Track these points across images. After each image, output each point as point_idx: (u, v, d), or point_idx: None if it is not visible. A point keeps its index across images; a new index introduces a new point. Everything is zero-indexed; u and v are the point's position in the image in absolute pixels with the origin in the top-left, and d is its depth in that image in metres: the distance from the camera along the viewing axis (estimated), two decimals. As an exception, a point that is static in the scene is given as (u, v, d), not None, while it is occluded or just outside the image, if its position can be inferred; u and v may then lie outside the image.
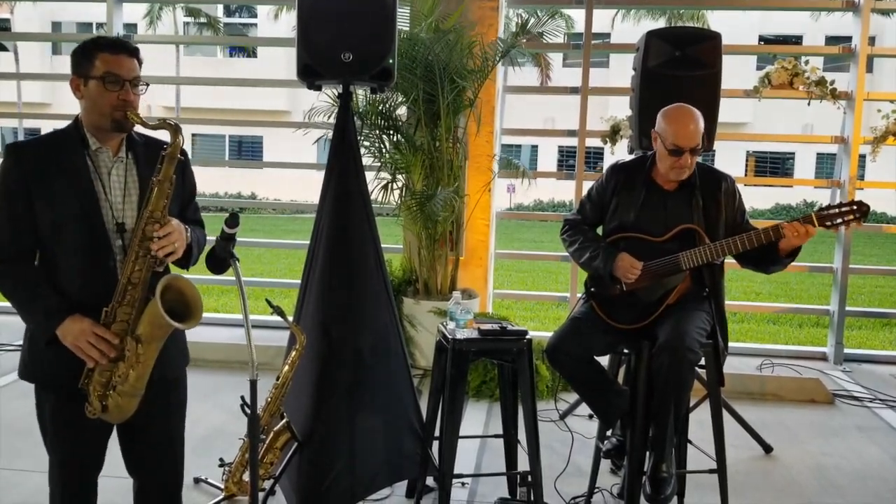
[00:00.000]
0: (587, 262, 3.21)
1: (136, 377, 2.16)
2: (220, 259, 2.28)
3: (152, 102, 20.86)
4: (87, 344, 2.11)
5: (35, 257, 2.19)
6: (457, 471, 3.08)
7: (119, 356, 2.15)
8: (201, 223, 2.47)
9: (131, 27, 22.57)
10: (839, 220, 3.02)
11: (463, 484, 3.51)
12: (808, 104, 5.62)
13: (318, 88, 3.35)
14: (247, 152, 27.88)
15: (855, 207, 3.01)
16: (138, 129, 2.29)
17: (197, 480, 3.46)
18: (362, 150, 4.79)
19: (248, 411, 2.20)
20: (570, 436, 3.66)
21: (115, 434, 2.37)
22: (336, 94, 4.45)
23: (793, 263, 3.15)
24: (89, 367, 2.16)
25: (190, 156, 2.30)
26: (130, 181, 2.26)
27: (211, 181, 21.94)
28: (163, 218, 2.16)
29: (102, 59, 2.18)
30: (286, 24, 22.07)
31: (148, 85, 2.28)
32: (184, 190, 2.39)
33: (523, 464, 3.16)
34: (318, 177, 3.36)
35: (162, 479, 2.44)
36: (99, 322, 2.14)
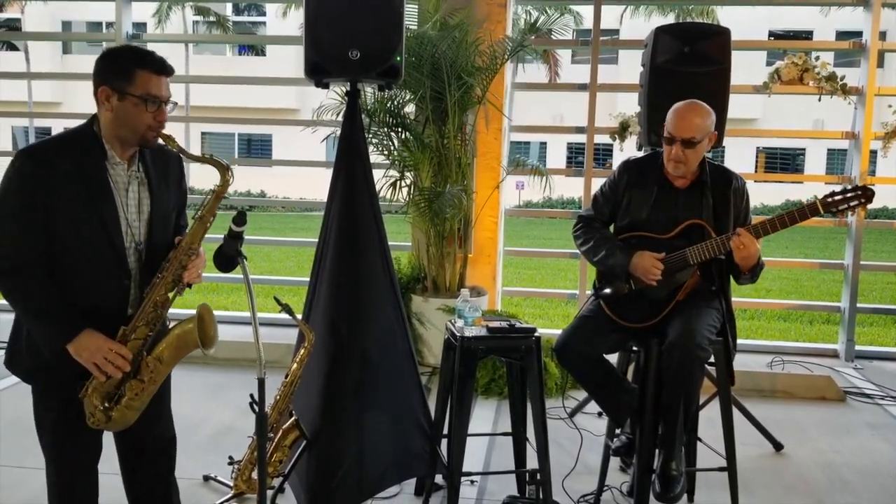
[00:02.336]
0: (602, 261, 3.19)
1: (147, 394, 2.23)
2: (229, 257, 2.29)
3: (161, 101, 20.91)
4: (103, 360, 2.12)
5: (44, 265, 2.15)
6: (465, 469, 3.09)
7: (132, 373, 2.19)
8: (186, 226, 2.52)
9: (140, 26, 22.64)
10: (844, 206, 2.99)
11: (472, 482, 3.51)
12: (819, 100, 5.59)
13: (326, 86, 3.35)
14: (256, 150, 27.94)
15: (860, 192, 2.99)
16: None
17: (206, 478, 3.47)
18: (370, 148, 4.79)
19: (257, 409, 2.21)
20: (579, 434, 3.66)
21: None
22: (344, 91, 4.46)
23: (804, 259, 3.13)
24: (92, 381, 2.17)
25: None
26: (143, 197, 2.28)
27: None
28: (198, 249, 2.23)
29: (144, 78, 2.14)
30: (294, 22, 22.07)
31: (176, 103, 2.27)
32: (180, 195, 2.43)
33: (532, 462, 3.16)
34: (328, 174, 3.37)
35: (155, 444, 2.47)
36: (113, 338, 2.16)
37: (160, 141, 2.23)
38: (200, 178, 2.49)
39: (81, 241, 2.15)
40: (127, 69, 2.14)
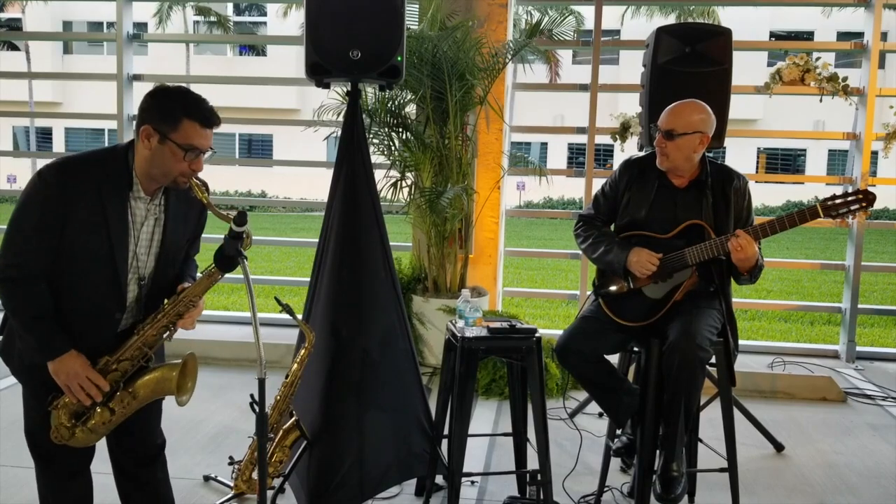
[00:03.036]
0: (600, 257, 3.19)
1: (113, 424, 2.24)
2: (229, 257, 2.28)
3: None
4: (77, 386, 2.13)
5: (46, 279, 2.15)
6: (466, 469, 3.08)
7: (103, 401, 2.19)
8: (197, 252, 2.54)
9: (141, 26, 22.65)
10: (844, 210, 2.98)
11: (472, 482, 3.50)
12: (820, 100, 5.58)
13: (327, 86, 3.35)
14: (257, 150, 27.94)
15: (861, 196, 2.98)
16: None
17: (206, 478, 3.46)
18: (371, 148, 4.79)
19: (257, 409, 2.21)
20: (580, 434, 3.66)
21: None
22: (345, 91, 4.46)
23: (805, 260, 3.13)
24: (65, 399, 2.18)
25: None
26: (156, 233, 2.28)
27: (221, 179, 22.02)
28: (198, 301, 2.26)
29: (190, 129, 2.12)
30: (295, 22, 22.10)
31: (215, 152, 2.27)
32: (197, 229, 2.44)
33: (533, 462, 3.15)
34: (328, 174, 3.37)
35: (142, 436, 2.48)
36: (96, 364, 2.17)
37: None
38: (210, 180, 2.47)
39: (86, 264, 2.16)
40: (174, 115, 2.11)
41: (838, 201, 2.98)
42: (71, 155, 2.21)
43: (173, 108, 2.12)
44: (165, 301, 2.29)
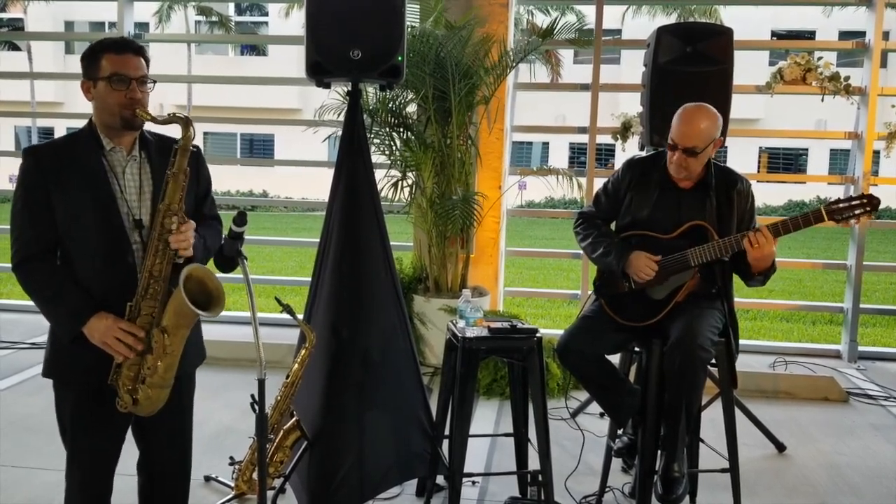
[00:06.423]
0: (599, 258, 3.19)
1: (164, 368, 2.20)
2: (229, 258, 2.27)
3: (164, 101, 20.93)
4: (114, 340, 2.14)
5: (57, 256, 2.22)
6: (467, 469, 3.08)
7: (147, 349, 2.18)
8: (218, 218, 2.50)
9: (142, 26, 22.65)
10: (848, 214, 2.97)
11: (473, 483, 3.50)
12: (822, 100, 5.57)
13: (327, 86, 3.35)
14: (258, 150, 27.94)
15: (865, 201, 2.96)
16: (151, 128, 2.31)
17: (207, 479, 3.46)
18: (372, 148, 4.78)
19: (257, 410, 2.20)
20: (581, 434, 3.65)
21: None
22: (346, 91, 4.46)
23: (807, 260, 3.12)
24: (117, 363, 2.18)
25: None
26: (145, 178, 2.29)
27: (222, 179, 22.00)
28: (179, 211, 2.19)
29: (108, 60, 2.21)
30: (297, 22, 22.07)
31: (155, 82, 2.31)
32: (198, 185, 2.41)
33: (534, 462, 3.15)
34: (329, 174, 3.36)
35: (172, 472, 2.49)
36: (124, 317, 2.17)
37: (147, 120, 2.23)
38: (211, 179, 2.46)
39: (84, 224, 2.18)
40: (95, 57, 2.23)
41: (842, 205, 2.97)
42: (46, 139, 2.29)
43: (91, 54, 2.24)
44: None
